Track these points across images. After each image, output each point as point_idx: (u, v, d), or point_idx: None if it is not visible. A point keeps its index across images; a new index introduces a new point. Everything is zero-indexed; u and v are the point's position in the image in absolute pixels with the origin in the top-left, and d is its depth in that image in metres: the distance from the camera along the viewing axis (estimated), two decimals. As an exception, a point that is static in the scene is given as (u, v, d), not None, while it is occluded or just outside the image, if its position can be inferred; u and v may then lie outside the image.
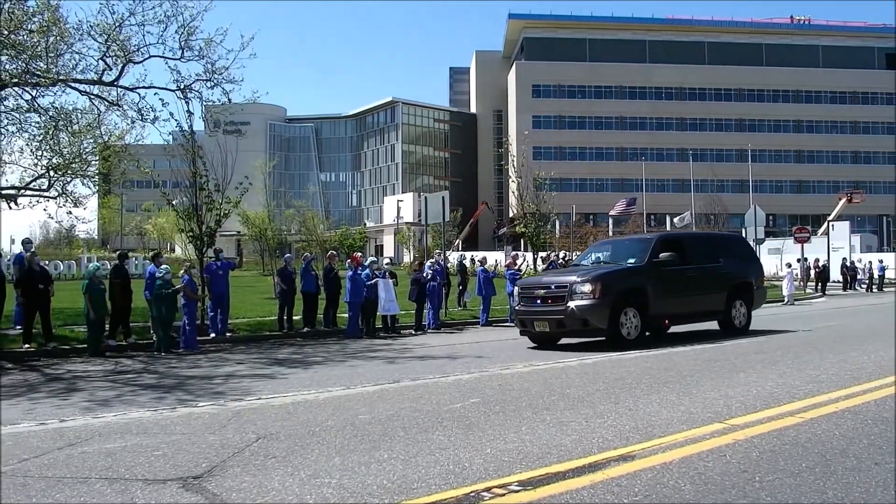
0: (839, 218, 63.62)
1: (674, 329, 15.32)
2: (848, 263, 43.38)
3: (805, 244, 37.09)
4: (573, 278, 13.42)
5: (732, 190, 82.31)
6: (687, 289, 14.39)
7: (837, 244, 49.62)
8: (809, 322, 18.10)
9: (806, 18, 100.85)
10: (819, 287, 38.40)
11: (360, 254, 24.10)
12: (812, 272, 39.60)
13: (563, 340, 14.18)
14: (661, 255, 13.93)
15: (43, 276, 15.04)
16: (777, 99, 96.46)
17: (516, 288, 15.62)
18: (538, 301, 13.78)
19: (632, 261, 14.35)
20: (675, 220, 50.40)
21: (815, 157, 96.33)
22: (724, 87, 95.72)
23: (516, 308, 14.94)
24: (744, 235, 35.99)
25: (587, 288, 12.96)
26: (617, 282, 13.44)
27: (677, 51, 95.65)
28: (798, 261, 38.18)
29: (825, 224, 61.35)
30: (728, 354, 11.35)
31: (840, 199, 72.89)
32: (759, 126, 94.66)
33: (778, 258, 48.67)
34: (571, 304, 12.99)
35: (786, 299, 29.44)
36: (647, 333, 14.40)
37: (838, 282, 43.03)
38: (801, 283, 38.19)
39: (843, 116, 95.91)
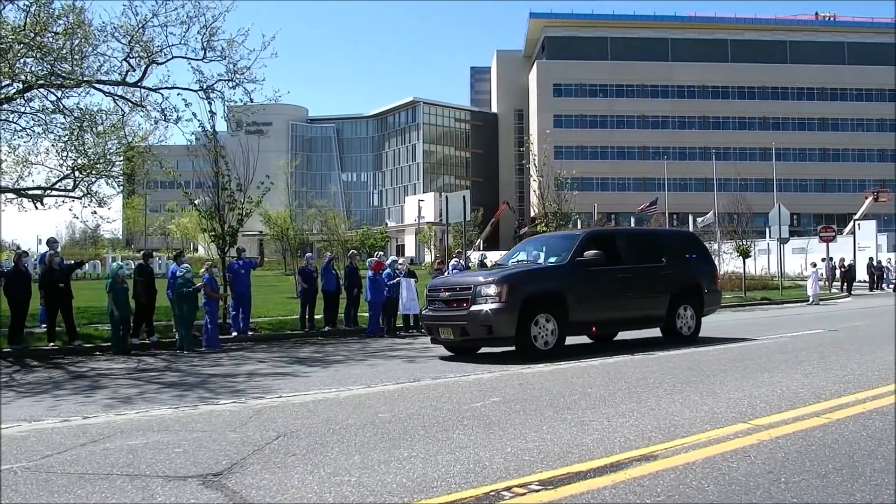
0: (865, 217, 62.81)
1: (627, 336, 14.19)
2: (875, 263, 42.78)
3: (830, 243, 36.62)
4: (478, 279, 12.02)
5: (756, 189, 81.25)
6: (619, 292, 12.79)
7: (863, 243, 48.99)
8: (835, 322, 17.85)
9: (831, 15, 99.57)
10: (844, 287, 37.93)
11: (381, 253, 24.13)
12: (837, 272, 39.12)
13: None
14: (586, 253, 12.27)
15: (63, 275, 15.12)
16: (801, 97, 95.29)
17: (425, 290, 14.17)
18: (443, 304, 12.30)
19: (553, 260, 12.85)
20: (699, 220, 49.86)
21: (841, 155, 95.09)
22: (748, 85, 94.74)
23: (422, 312, 13.49)
24: (768, 235, 35.73)
25: (492, 290, 11.41)
26: (528, 283, 11.92)
27: (700, 49, 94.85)
28: (823, 260, 37.70)
29: (851, 223, 60.57)
30: (752, 354, 11.21)
31: (866, 198, 71.98)
32: (783, 124, 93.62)
33: (803, 258, 48.16)
34: (474, 308, 11.44)
35: (811, 299, 29.09)
36: (592, 341, 13.63)
37: (864, 281, 42.47)
38: (827, 282, 37.74)
39: (868, 114, 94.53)
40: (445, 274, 19.05)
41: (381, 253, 30.24)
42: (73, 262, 17.15)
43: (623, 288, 12.85)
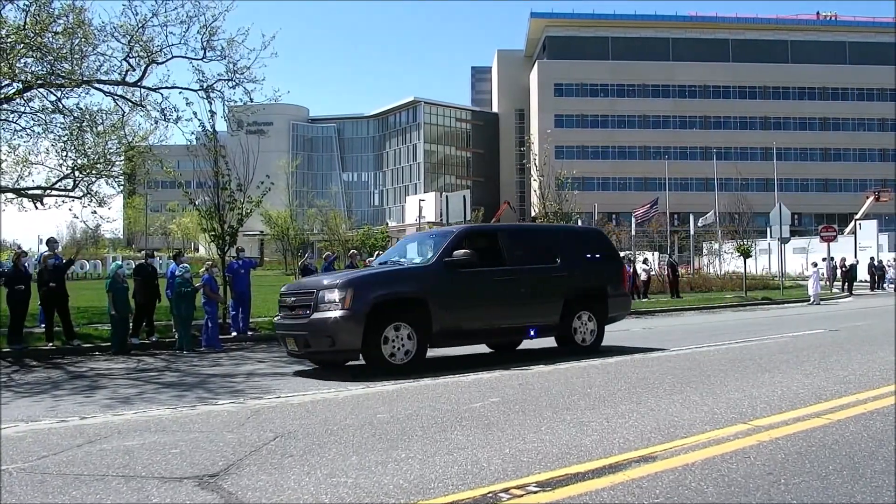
0: (866, 217, 62.76)
1: (536, 344, 12.84)
2: (876, 263, 42.75)
3: (831, 243, 36.61)
4: (322, 282, 10.67)
5: (757, 189, 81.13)
6: (498, 297, 11.22)
7: (865, 243, 48.99)
8: (836, 322, 17.81)
9: (832, 15, 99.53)
10: (846, 287, 37.89)
11: (381, 252, 24.09)
12: (838, 272, 39.06)
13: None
14: (456, 253, 10.75)
15: (55, 274, 15.04)
16: (803, 96, 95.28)
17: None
18: (289, 311, 10.94)
19: (418, 260, 11.48)
20: (700, 220, 49.88)
21: (842, 154, 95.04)
22: (749, 85, 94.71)
23: (275, 321, 12.08)
24: (769, 235, 35.66)
25: (335, 295, 9.96)
26: (379, 287, 10.36)
27: (701, 48, 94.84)
28: (824, 260, 37.68)
29: (852, 223, 60.53)
30: (753, 354, 11.17)
31: (867, 198, 71.92)
32: (784, 124, 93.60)
33: (804, 257, 48.15)
34: (316, 316, 10.01)
35: (812, 299, 29.03)
36: (492, 350, 12.70)
37: (865, 281, 42.44)
38: (828, 282, 37.68)
39: (870, 114, 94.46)
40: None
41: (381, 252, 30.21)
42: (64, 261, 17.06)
43: (503, 292, 11.29)
